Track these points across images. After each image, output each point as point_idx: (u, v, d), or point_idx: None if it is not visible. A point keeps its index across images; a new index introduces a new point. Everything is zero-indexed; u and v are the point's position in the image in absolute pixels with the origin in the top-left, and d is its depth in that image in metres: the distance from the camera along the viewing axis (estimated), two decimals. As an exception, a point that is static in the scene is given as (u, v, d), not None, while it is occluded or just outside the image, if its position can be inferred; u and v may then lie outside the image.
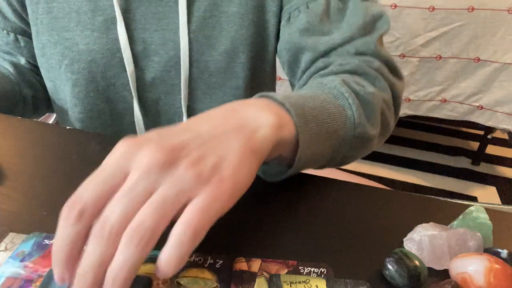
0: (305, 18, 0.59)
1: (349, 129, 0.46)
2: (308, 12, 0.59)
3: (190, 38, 0.60)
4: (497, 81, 1.70)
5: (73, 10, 0.60)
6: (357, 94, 0.47)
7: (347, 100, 0.46)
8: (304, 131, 0.41)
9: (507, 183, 1.98)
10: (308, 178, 0.56)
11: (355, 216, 0.49)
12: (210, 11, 0.60)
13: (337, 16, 0.59)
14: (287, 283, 0.39)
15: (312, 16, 0.58)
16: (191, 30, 0.60)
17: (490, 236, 0.45)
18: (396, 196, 0.54)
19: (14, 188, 0.48)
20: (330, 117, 0.44)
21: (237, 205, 0.50)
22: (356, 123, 0.46)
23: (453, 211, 0.49)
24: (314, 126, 0.42)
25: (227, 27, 0.61)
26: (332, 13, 0.59)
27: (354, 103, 0.46)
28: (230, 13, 0.60)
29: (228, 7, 0.60)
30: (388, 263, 0.41)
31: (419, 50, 1.67)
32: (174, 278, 0.39)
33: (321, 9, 0.58)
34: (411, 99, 1.76)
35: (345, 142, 0.47)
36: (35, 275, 0.38)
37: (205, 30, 0.60)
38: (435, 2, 1.58)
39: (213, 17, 0.60)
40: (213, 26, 0.60)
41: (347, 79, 0.49)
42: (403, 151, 2.12)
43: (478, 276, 0.38)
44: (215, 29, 0.60)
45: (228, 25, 0.61)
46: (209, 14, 0.60)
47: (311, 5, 0.59)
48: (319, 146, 0.44)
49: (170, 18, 0.60)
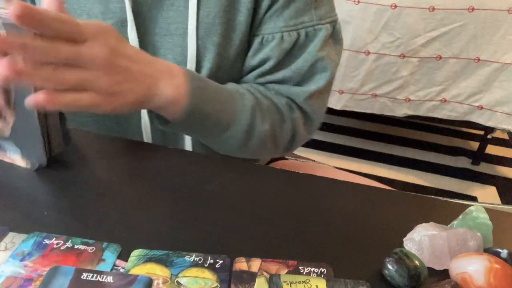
0: (275, 49, 0.61)
1: (224, 136, 0.58)
2: (280, 45, 0.61)
3: (198, 45, 0.60)
4: (497, 81, 1.69)
5: (84, 12, 0.60)
6: (251, 123, 0.58)
7: (240, 122, 0.58)
8: (187, 121, 0.53)
9: (507, 183, 1.98)
10: (308, 178, 0.56)
11: (355, 216, 0.49)
12: (219, 18, 0.60)
13: (296, 52, 0.62)
14: (287, 283, 0.39)
15: (281, 51, 0.61)
16: (199, 36, 0.60)
17: (490, 236, 0.45)
18: (396, 196, 0.54)
19: (14, 188, 0.48)
20: (215, 121, 0.56)
21: (237, 205, 0.50)
22: (231, 137, 0.58)
23: (453, 211, 0.49)
24: (198, 120, 0.54)
25: (233, 35, 0.61)
26: (296, 47, 0.62)
27: (243, 126, 0.58)
28: (237, 22, 0.60)
29: (236, 15, 0.60)
30: (388, 263, 0.41)
31: (419, 50, 1.67)
32: (174, 278, 0.39)
33: (289, 45, 0.61)
34: (411, 99, 1.76)
35: (216, 140, 0.60)
36: (35, 274, 0.38)
37: (213, 37, 0.60)
38: (435, 2, 1.58)
39: (221, 24, 0.60)
40: (221, 34, 0.60)
41: (260, 108, 0.59)
42: (403, 151, 2.12)
43: (478, 276, 0.38)
44: (222, 37, 0.61)
45: (234, 33, 0.61)
46: (218, 21, 0.60)
47: (285, 37, 0.61)
48: (193, 132, 0.58)
49: (179, 23, 0.60)
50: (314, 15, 0.61)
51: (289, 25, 0.60)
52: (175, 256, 0.41)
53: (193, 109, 0.53)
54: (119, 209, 0.47)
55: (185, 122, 0.54)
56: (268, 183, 0.54)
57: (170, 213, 0.47)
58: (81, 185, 0.50)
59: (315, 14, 0.61)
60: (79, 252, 0.41)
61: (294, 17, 0.60)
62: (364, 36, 1.65)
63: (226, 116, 0.57)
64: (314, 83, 0.63)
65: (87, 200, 0.48)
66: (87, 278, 0.38)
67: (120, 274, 0.39)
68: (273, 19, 0.60)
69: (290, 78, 0.63)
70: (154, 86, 0.49)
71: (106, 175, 0.52)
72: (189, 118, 0.53)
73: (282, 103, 0.62)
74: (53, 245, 0.41)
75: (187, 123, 0.54)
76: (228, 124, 0.57)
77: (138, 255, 0.41)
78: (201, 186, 0.51)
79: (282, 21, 0.60)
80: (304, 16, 0.60)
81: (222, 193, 0.51)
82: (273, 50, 0.61)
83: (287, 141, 0.65)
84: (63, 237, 0.42)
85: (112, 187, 0.50)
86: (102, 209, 0.47)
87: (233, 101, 0.58)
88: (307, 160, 0.91)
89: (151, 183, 0.51)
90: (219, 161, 0.57)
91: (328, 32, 0.62)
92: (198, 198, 0.50)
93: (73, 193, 0.49)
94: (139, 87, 0.48)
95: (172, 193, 0.50)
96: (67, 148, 0.53)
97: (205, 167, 0.55)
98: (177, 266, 0.40)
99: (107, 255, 0.41)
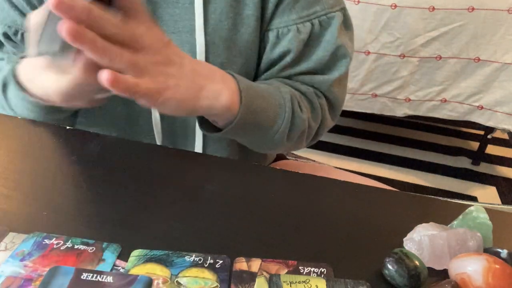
0: (293, 40, 0.61)
1: (271, 132, 0.60)
2: (297, 36, 0.61)
3: (207, 40, 0.60)
4: (497, 81, 1.69)
5: None
6: (294, 113, 0.60)
7: (284, 114, 0.59)
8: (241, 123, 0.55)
9: (507, 183, 1.97)
10: (308, 178, 0.56)
11: (355, 216, 0.49)
12: (226, 13, 0.59)
13: (313, 42, 0.63)
14: (287, 283, 0.39)
15: (299, 42, 0.62)
16: (207, 32, 0.60)
17: (490, 236, 0.45)
18: (396, 196, 0.54)
19: (14, 188, 0.48)
20: (265, 118, 0.58)
21: (237, 205, 0.50)
22: (279, 132, 0.60)
23: (453, 211, 0.49)
24: (251, 120, 0.56)
25: (241, 29, 0.61)
26: (312, 38, 0.63)
27: (288, 118, 0.59)
28: (244, 16, 0.60)
29: (243, 9, 0.60)
30: (388, 263, 0.41)
31: (419, 50, 1.67)
32: (174, 278, 0.39)
33: (306, 35, 0.62)
34: (411, 99, 1.76)
35: (264, 138, 0.61)
36: (35, 274, 0.38)
37: (221, 32, 0.60)
38: (435, 2, 1.58)
39: (228, 19, 0.60)
40: (228, 28, 0.60)
41: (296, 98, 0.61)
42: (403, 151, 2.12)
43: (476, 276, 0.38)
44: (230, 31, 0.60)
45: (242, 27, 0.61)
46: (225, 16, 0.60)
47: (301, 28, 0.61)
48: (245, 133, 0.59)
49: (186, 20, 0.59)
50: (325, 4, 0.62)
51: (302, 16, 0.61)
52: (175, 256, 0.41)
53: (245, 111, 0.54)
54: (119, 209, 0.47)
55: (237, 126, 0.55)
56: (268, 183, 0.54)
57: (170, 213, 0.47)
58: (81, 185, 0.50)
59: (326, 3, 0.62)
60: (79, 252, 0.41)
61: (306, 8, 0.61)
62: (364, 36, 1.65)
63: (271, 111, 0.58)
64: (336, 70, 0.64)
65: (87, 200, 0.48)
66: (87, 278, 0.38)
67: (120, 274, 0.39)
68: (286, 12, 0.61)
69: (313, 69, 0.64)
70: (207, 88, 0.51)
71: (106, 175, 0.52)
72: (242, 120, 0.55)
73: (309, 92, 0.64)
74: (53, 245, 0.41)
75: (239, 126, 0.55)
76: (274, 119, 0.59)
77: (138, 255, 0.41)
78: (201, 186, 0.51)
79: (294, 13, 0.61)
80: (316, 6, 0.62)
81: (222, 193, 0.51)
82: (291, 42, 0.61)
83: (317, 128, 0.67)
84: (63, 237, 0.42)
85: (112, 187, 0.50)
86: (102, 209, 0.47)
87: (274, 95, 0.59)
88: (307, 160, 0.91)
89: (151, 183, 0.51)
90: (219, 161, 0.57)
91: (341, 19, 0.63)
92: (198, 198, 0.50)
93: (73, 193, 0.49)
94: (191, 83, 0.49)
95: (172, 193, 0.50)
96: None
97: (205, 167, 0.55)
98: (177, 266, 0.40)
99: (107, 255, 0.41)
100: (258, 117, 0.57)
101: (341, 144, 2.13)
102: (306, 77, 0.65)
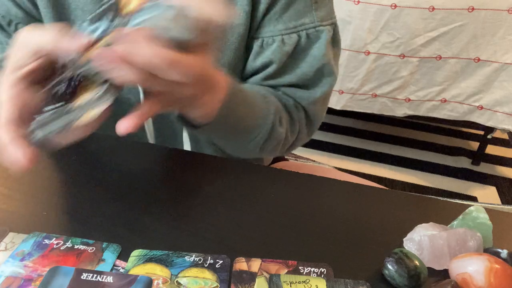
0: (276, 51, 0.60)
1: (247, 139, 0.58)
2: (281, 47, 0.60)
3: None
4: (497, 81, 1.69)
5: (79, 8, 0.60)
6: (273, 126, 0.58)
7: (264, 126, 0.57)
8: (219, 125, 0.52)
9: (507, 183, 1.97)
10: (308, 178, 0.56)
11: (355, 216, 0.49)
12: None
13: (299, 55, 0.61)
14: (287, 283, 0.39)
15: (282, 54, 0.60)
16: None
17: (490, 236, 0.45)
18: (396, 196, 0.54)
19: (14, 188, 0.48)
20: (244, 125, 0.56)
21: (237, 205, 0.50)
22: (254, 140, 0.58)
23: (453, 211, 0.49)
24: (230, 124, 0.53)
25: (231, 38, 0.61)
26: (297, 51, 0.61)
27: (267, 130, 0.58)
28: (234, 25, 0.60)
29: (233, 19, 0.60)
30: (388, 263, 0.41)
31: (419, 50, 1.67)
32: (174, 278, 0.39)
33: (290, 48, 0.60)
34: (411, 99, 1.76)
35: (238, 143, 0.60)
36: (35, 274, 0.38)
37: None
38: (435, 2, 1.58)
39: None
40: None
41: (278, 110, 0.60)
42: (403, 151, 2.12)
43: (478, 276, 0.38)
44: (220, 40, 0.60)
45: (232, 36, 0.61)
46: None
47: (286, 39, 0.60)
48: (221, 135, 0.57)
49: None
50: (315, 17, 0.60)
51: (289, 27, 0.60)
52: (175, 256, 0.41)
53: (225, 115, 0.52)
54: (119, 209, 0.47)
55: (214, 127, 0.52)
56: (268, 183, 0.54)
57: (170, 213, 0.47)
58: (81, 185, 0.50)
59: (316, 16, 0.60)
60: (79, 252, 0.41)
61: (294, 19, 0.59)
62: (364, 36, 1.65)
63: (253, 119, 0.57)
64: (319, 87, 0.63)
65: (87, 200, 0.48)
66: (87, 278, 0.38)
67: (120, 274, 0.39)
68: (273, 22, 0.60)
69: (295, 83, 0.62)
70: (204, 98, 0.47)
71: (106, 175, 0.52)
72: (220, 123, 0.52)
73: (290, 104, 0.63)
74: (53, 245, 0.41)
75: (216, 128, 0.53)
76: (253, 127, 0.57)
77: (138, 255, 0.41)
78: (201, 186, 0.51)
79: (281, 23, 0.59)
80: (305, 17, 0.60)
81: (222, 193, 0.51)
82: (274, 53, 0.60)
83: (292, 141, 0.65)
84: (63, 237, 0.42)
85: (112, 187, 0.50)
86: (102, 209, 0.47)
87: (259, 104, 0.58)
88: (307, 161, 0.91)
89: (151, 183, 0.51)
90: (219, 161, 0.57)
91: (330, 34, 0.61)
92: (198, 198, 0.50)
93: (73, 193, 0.49)
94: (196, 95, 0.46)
95: (172, 193, 0.50)
96: None
97: (205, 167, 0.55)
98: (177, 266, 0.40)
99: (107, 255, 0.41)
100: (237, 123, 0.55)
101: (341, 144, 2.13)
102: (288, 89, 0.63)
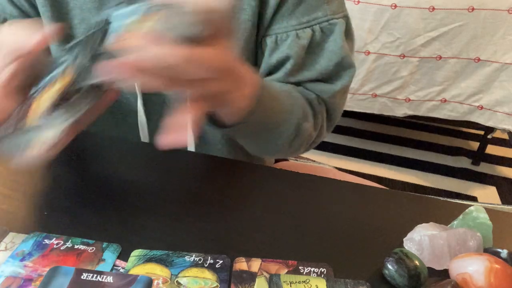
0: (292, 45, 0.59)
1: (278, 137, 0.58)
2: (296, 41, 0.59)
3: None
4: (497, 81, 1.69)
5: (77, 6, 0.60)
6: (300, 122, 0.58)
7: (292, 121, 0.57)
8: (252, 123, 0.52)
9: (507, 183, 1.97)
10: (308, 178, 0.56)
11: (355, 216, 0.49)
12: None
13: (315, 49, 0.61)
14: (287, 283, 0.39)
15: (299, 47, 0.59)
16: None
17: (490, 236, 0.45)
18: (396, 196, 0.54)
19: (14, 188, 0.48)
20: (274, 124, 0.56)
21: (237, 205, 0.50)
22: (283, 137, 0.58)
23: (453, 211, 0.49)
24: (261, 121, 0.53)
25: (238, 35, 0.61)
26: (313, 45, 0.61)
27: (294, 126, 0.58)
28: (241, 21, 0.60)
29: (240, 14, 0.60)
30: (388, 263, 0.41)
31: (419, 50, 1.67)
32: (174, 278, 0.39)
33: (306, 41, 0.60)
34: (411, 99, 1.76)
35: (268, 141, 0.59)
36: (35, 274, 0.38)
37: None
38: (435, 2, 1.58)
39: None
40: None
41: (304, 108, 0.60)
42: (403, 151, 2.12)
43: (478, 276, 0.38)
44: (233, 29, 0.59)
45: (238, 32, 0.60)
46: None
47: (300, 33, 0.59)
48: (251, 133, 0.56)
49: None
50: (327, 10, 0.60)
51: (302, 22, 0.59)
52: (175, 256, 0.41)
53: (259, 112, 0.51)
54: (119, 209, 0.47)
55: (245, 124, 0.51)
56: (268, 183, 0.54)
57: (170, 213, 0.47)
58: (81, 185, 0.50)
59: (329, 9, 0.60)
60: (79, 252, 0.41)
61: (307, 13, 0.59)
62: (364, 36, 1.65)
63: (281, 113, 0.56)
64: (340, 81, 0.62)
65: (87, 200, 0.48)
66: (87, 278, 0.38)
67: (120, 274, 0.39)
68: (285, 18, 0.59)
69: (315, 79, 0.62)
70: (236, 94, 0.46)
71: (106, 175, 0.52)
72: (251, 119, 0.51)
73: (312, 98, 0.62)
74: (53, 245, 0.41)
75: (248, 125, 0.52)
76: (282, 122, 0.57)
77: (138, 255, 0.41)
78: (201, 186, 0.51)
79: (294, 19, 0.59)
80: (317, 11, 0.59)
81: (222, 193, 0.51)
82: (290, 47, 0.59)
83: (315, 136, 0.65)
84: (63, 237, 0.42)
85: (112, 187, 0.50)
86: (102, 209, 0.47)
87: (284, 99, 0.57)
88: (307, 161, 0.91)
89: (151, 183, 0.51)
90: (219, 161, 0.57)
91: (343, 27, 0.61)
92: (198, 198, 0.50)
93: (73, 193, 0.49)
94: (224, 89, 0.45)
95: (172, 193, 0.50)
96: None
97: (205, 167, 0.55)
98: (177, 266, 0.40)
99: (107, 255, 0.41)
100: (268, 118, 0.54)
101: (341, 144, 2.13)
102: (309, 84, 0.63)
